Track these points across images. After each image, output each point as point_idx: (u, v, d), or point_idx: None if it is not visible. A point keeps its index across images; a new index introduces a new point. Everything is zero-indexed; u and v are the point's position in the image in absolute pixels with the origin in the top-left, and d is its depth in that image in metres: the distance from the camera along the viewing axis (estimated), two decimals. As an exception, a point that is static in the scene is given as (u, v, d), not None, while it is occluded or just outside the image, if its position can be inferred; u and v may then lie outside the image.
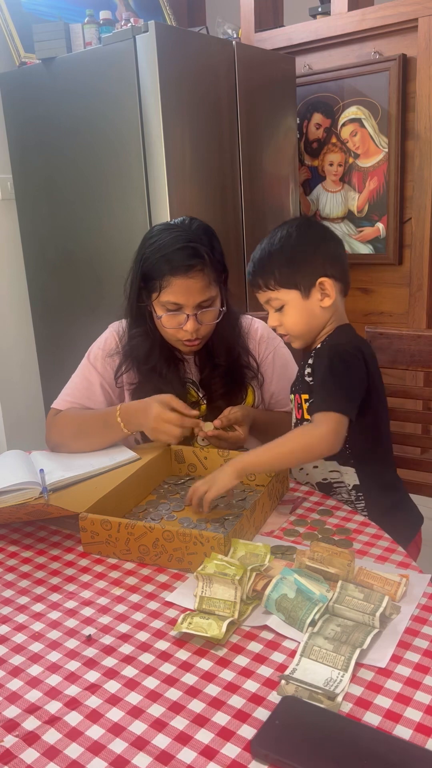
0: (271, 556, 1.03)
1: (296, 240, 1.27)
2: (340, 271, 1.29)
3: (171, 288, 1.37)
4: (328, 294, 1.27)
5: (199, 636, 0.87)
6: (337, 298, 1.29)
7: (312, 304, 1.28)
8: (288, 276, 1.27)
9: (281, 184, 2.68)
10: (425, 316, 2.77)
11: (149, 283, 1.40)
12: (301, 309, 1.28)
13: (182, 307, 1.39)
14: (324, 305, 1.28)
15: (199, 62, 2.23)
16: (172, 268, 1.35)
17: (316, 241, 1.29)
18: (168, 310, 1.40)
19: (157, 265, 1.37)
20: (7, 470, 1.29)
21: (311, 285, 1.27)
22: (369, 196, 2.82)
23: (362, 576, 0.97)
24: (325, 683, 0.78)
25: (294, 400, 1.37)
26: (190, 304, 1.38)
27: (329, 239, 1.31)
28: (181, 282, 1.36)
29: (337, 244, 1.31)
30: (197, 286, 1.37)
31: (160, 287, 1.38)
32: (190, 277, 1.36)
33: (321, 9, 2.83)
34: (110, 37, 2.14)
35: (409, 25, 2.54)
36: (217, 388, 1.50)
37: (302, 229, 1.30)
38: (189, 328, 1.40)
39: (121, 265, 2.33)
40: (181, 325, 1.40)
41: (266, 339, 1.59)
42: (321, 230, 1.32)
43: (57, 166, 2.43)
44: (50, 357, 2.75)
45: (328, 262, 1.27)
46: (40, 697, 0.80)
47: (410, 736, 0.72)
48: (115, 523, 1.08)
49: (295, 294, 1.28)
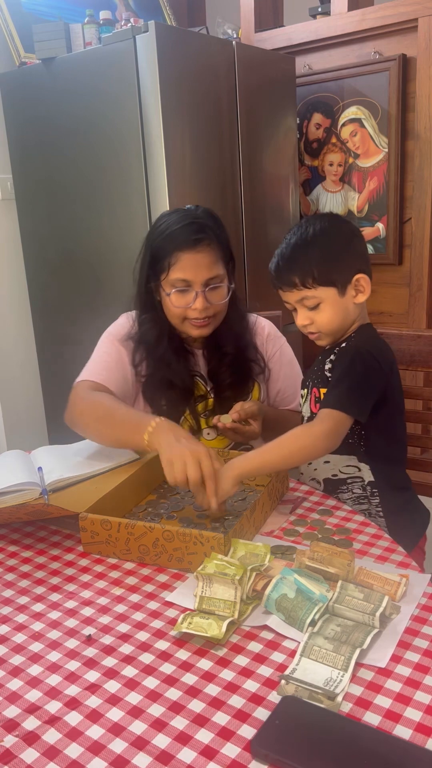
0: (271, 556, 1.03)
1: (332, 236, 1.27)
2: (369, 267, 1.30)
3: (179, 264, 1.38)
4: (362, 290, 1.27)
5: (199, 636, 0.87)
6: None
7: (347, 302, 1.27)
8: (326, 273, 1.25)
9: (281, 184, 2.68)
10: (425, 316, 2.77)
11: (158, 264, 1.42)
12: (337, 306, 1.27)
13: (191, 285, 1.40)
14: (358, 301, 1.28)
15: (199, 62, 2.23)
16: (180, 242, 1.38)
17: (350, 237, 1.29)
18: (176, 289, 1.40)
19: (165, 244, 1.39)
20: (7, 471, 1.30)
21: (347, 282, 1.26)
22: (369, 196, 2.82)
23: (362, 576, 0.97)
24: (325, 683, 0.78)
25: (311, 394, 1.36)
26: (199, 280, 1.39)
27: (358, 236, 1.31)
28: (189, 257, 1.38)
29: (363, 241, 1.33)
30: (205, 261, 1.39)
31: (168, 265, 1.39)
32: (198, 251, 1.38)
33: (321, 9, 2.83)
34: (110, 37, 2.14)
35: (409, 25, 2.54)
36: (225, 377, 1.51)
37: (334, 224, 1.29)
38: (198, 306, 1.40)
39: (121, 264, 2.35)
40: (189, 304, 1.41)
41: (273, 337, 1.61)
42: (351, 227, 1.32)
43: (57, 166, 2.43)
44: (50, 357, 2.75)
45: (361, 258, 1.28)
46: (40, 697, 0.80)
47: (410, 736, 0.72)
48: (115, 523, 1.08)
49: (332, 291, 1.26)
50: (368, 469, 1.32)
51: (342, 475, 1.33)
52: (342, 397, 1.20)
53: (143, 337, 1.49)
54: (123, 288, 2.34)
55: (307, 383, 1.39)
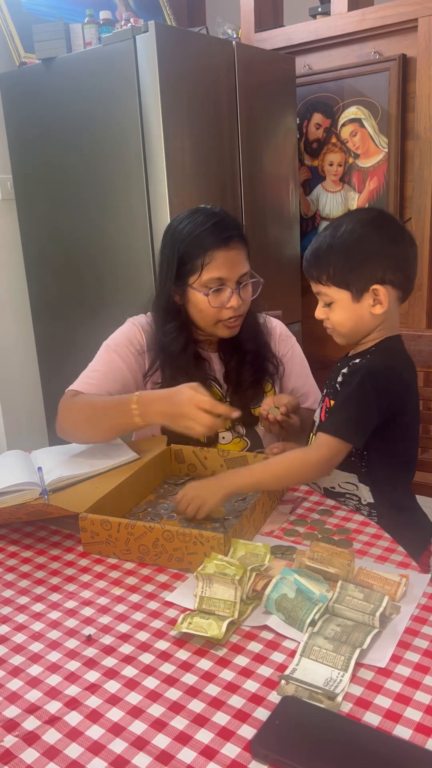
0: (271, 556, 1.03)
1: (359, 238, 1.19)
2: (402, 278, 1.21)
3: (215, 262, 1.38)
4: (380, 302, 1.20)
5: (199, 636, 0.87)
6: (393, 306, 1.23)
7: (362, 309, 1.21)
8: (342, 275, 1.20)
9: (281, 184, 2.68)
10: (425, 316, 2.77)
11: (188, 266, 1.41)
12: (350, 311, 1.22)
13: (225, 283, 1.40)
14: (375, 312, 1.21)
15: (199, 62, 2.23)
16: (212, 243, 1.38)
17: (382, 243, 1.20)
18: (210, 289, 1.40)
19: (195, 246, 1.39)
20: (7, 471, 1.29)
21: (364, 289, 1.20)
22: (369, 196, 2.82)
23: (362, 576, 0.97)
24: (325, 683, 0.78)
25: (324, 403, 1.33)
26: (233, 277, 1.40)
27: (398, 242, 1.21)
28: (223, 254, 1.38)
29: (407, 248, 1.22)
30: (239, 257, 1.41)
31: (202, 265, 1.39)
32: (231, 248, 1.39)
33: (321, 9, 2.83)
34: (110, 37, 2.14)
35: (409, 25, 2.54)
36: (247, 376, 1.51)
37: (370, 227, 1.21)
38: (234, 304, 1.41)
39: (121, 264, 2.35)
40: (224, 303, 1.41)
41: (284, 336, 1.62)
42: (392, 231, 1.22)
43: (57, 166, 2.43)
44: (50, 357, 2.75)
45: (390, 268, 1.19)
46: (40, 697, 0.80)
47: (410, 736, 0.72)
48: (115, 523, 1.08)
49: (345, 294, 1.21)
50: (368, 490, 1.29)
51: (340, 489, 1.31)
52: (341, 425, 1.18)
53: (168, 347, 1.46)
54: (123, 288, 2.36)
55: (323, 390, 1.36)
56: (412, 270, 1.24)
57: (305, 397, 1.61)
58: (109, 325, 1.60)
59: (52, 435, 2.81)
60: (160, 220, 2.18)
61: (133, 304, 1.57)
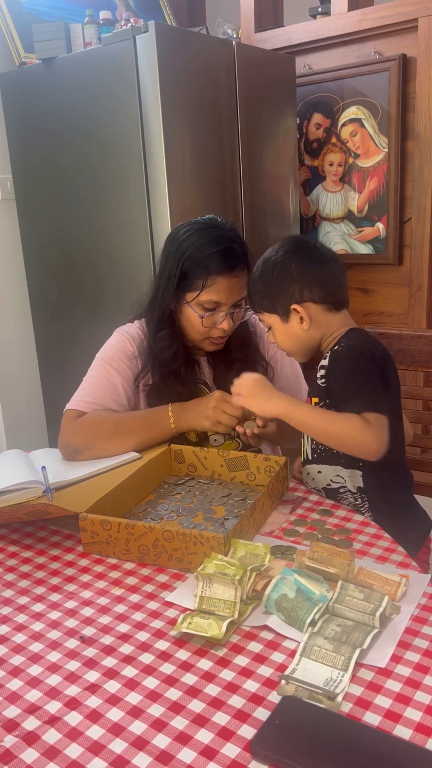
0: (271, 556, 1.03)
1: (273, 265, 1.28)
2: (325, 294, 1.27)
3: (215, 287, 1.39)
4: (305, 319, 1.28)
5: (199, 636, 0.87)
6: (326, 317, 1.28)
7: (293, 327, 1.30)
8: (267, 301, 1.30)
9: (281, 184, 2.68)
10: (425, 316, 2.77)
11: (188, 282, 1.41)
12: (284, 332, 1.31)
13: (220, 306, 1.42)
14: (304, 328, 1.29)
15: (199, 62, 2.23)
16: (218, 268, 1.38)
17: (294, 266, 1.27)
18: (205, 309, 1.42)
19: (200, 266, 1.39)
20: (10, 469, 1.29)
21: (287, 310, 1.28)
22: (369, 196, 2.82)
23: (362, 576, 0.97)
24: (325, 683, 0.78)
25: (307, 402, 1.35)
26: (230, 302, 1.42)
27: (312, 262, 1.28)
28: (226, 281, 1.39)
29: (322, 265, 1.28)
30: (239, 285, 1.42)
31: (202, 286, 1.39)
32: (234, 276, 1.40)
33: (321, 9, 2.83)
34: (110, 37, 2.14)
35: (409, 25, 2.54)
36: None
37: (282, 253, 1.29)
38: (225, 327, 1.43)
39: (121, 265, 2.35)
40: (216, 323, 1.43)
41: None
42: (304, 253, 1.29)
43: (57, 166, 2.43)
44: (50, 357, 2.75)
45: (307, 287, 1.26)
46: (40, 697, 0.80)
47: (410, 736, 0.72)
48: (115, 523, 1.08)
49: (275, 318, 1.31)
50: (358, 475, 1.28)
51: (334, 485, 1.31)
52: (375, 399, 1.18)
53: (159, 354, 1.48)
54: (123, 288, 2.36)
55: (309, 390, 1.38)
56: (332, 285, 1.28)
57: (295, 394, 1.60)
58: (109, 325, 1.60)
59: (52, 435, 2.81)
60: (160, 220, 2.18)
61: (132, 304, 1.57)
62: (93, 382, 1.49)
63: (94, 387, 1.48)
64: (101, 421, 1.42)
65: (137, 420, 1.44)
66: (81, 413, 1.45)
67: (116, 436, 1.40)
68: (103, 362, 1.51)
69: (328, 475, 1.32)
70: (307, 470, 1.36)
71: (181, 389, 1.46)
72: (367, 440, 1.14)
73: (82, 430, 1.42)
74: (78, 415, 1.45)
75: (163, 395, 1.46)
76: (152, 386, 1.50)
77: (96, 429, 1.41)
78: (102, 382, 1.48)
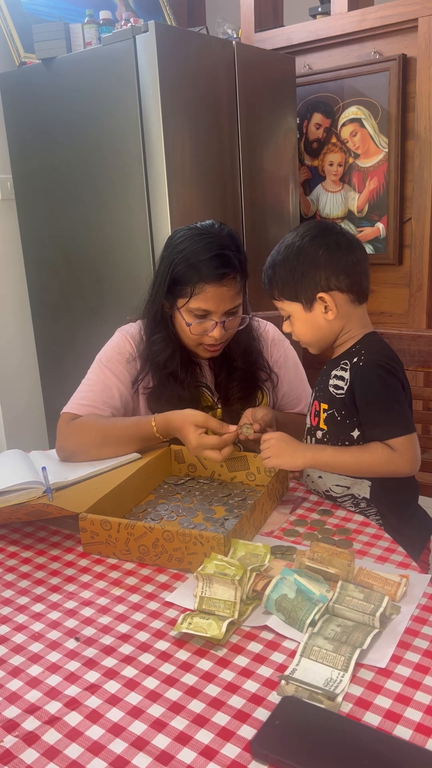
0: (271, 556, 1.03)
1: (298, 251, 1.24)
2: (351, 282, 1.24)
3: (203, 295, 1.37)
4: (330, 308, 1.24)
5: (199, 636, 0.87)
6: (348, 309, 1.26)
7: (316, 317, 1.26)
8: (289, 288, 1.26)
9: (281, 184, 2.68)
10: (425, 316, 2.77)
11: (178, 288, 1.39)
12: (306, 321, 1.27)
13: (210, 314, 1.39)
14: (328, 318, 1.25)
15: (199, 62, 2.23)
16: (206, 275, 1.35)
17: (321, 252, 1.23)
18: (196, 317, 1.39)
19: (190, 272, 1.36)
20: (10, 470, 1.29)
21: (312, 298, 1.24)
22: (369, 196, 2.82)
23: (362, 576, 0.97)
24: (325, 683, 0.78)
25: (312, 407, 1.34)
26: (220, 311, 1.39)
27: (340, 248, 1.24)
28: (213, 290, 1.36)
29: (350, 254, 1.25)
30: (229, 294, 1.38)
31: (191, 293, 1.37)
32: (223, 285, 1.37)
33: (321, 9, 2.83)
34: (110, 37, 2.14)
35: (409, 25, 2.54)
36: (235, 392, 1.50)
37: (308, 238, 1.24)
38: (216, 335, 1.40)
39: (121, 265, 2.35)
40: (207, 331, 1.41)
41: (277, 340, 1.60)
42: (331, 239, 1.25)
43: (57, 166, 2.43)
44: (50, 357, 2.75)
45: (334, 274, 1.23)
46: (40, 697, 0.80)
47: (410, 736, 0.72)
48: (114, 524, 1.08)
49: (297, 306, 1.27)
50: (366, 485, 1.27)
51: (333, 494, 1.30)
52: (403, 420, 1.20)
53: (155, 357, 1.47)
54: (122, 288, 2.36)
55: (312, 394, 1.37)
56: (358, 273, 1.25)
57: (297, 400, 1.60)
58: (108, 325, 1.60)
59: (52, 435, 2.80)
60: (160, 220, 2.18)
61: (132, 304, 1.57)
62: (89, 385, 1.49)
63: (89, 390, 1.48)
64: (89, 430, 1.41)
65: (122, 431, 1.40)
66: (76, 416, 1.45)
67: (106, 444, 1.39)
68: (101, 364, 1.50)
69: (328, 482, 1.31)
70: (307, 472, 1.35)
71: (181, 392, 1.45)
72: (398, 468, 1.18)
73: (74, 435, 1.42)
74: (73, 418, 1.45)
75: (163, 398, 1.45)
76: (152, 389, 1.49)
77: (85, 436, 1.40)
78: (98, 384, 1.48)
